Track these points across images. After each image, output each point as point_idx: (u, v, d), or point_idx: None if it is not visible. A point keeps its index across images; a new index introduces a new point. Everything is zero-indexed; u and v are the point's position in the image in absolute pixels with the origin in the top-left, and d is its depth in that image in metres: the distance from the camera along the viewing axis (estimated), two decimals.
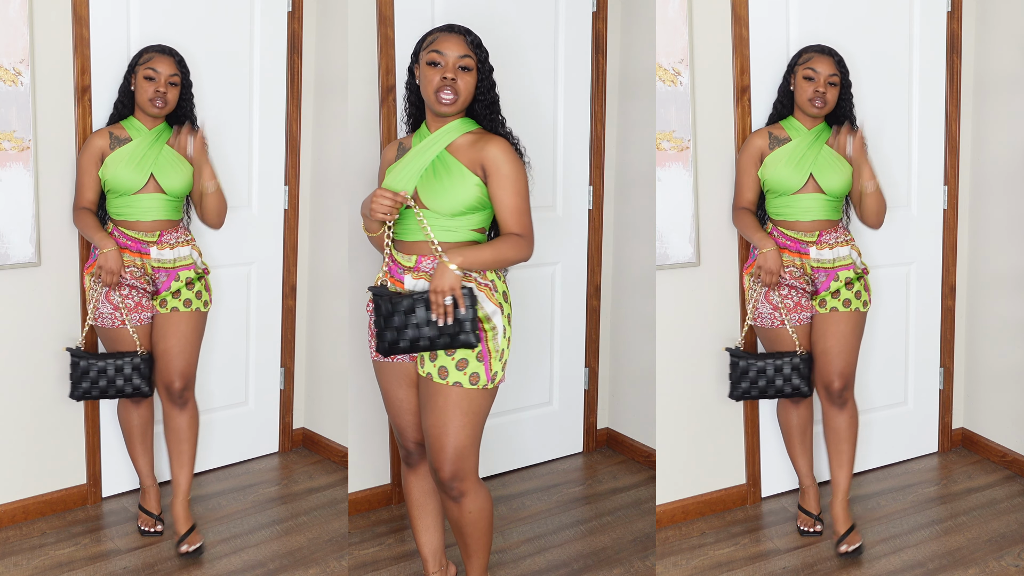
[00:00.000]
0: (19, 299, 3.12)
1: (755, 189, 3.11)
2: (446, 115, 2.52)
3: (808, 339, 3.07)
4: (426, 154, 2.52)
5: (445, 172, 2.49)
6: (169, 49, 3.01)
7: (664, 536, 3.21)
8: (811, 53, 3.02)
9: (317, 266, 3.83)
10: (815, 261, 3.02)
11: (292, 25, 3.68)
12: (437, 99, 2.47)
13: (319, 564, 3.02)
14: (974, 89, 3.68)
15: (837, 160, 3.01)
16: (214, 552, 3.07)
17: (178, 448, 3.07)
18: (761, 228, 3.06)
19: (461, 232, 2.49)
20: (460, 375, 2.45)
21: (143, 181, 2.96)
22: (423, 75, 2.51)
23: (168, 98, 2.97)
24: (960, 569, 2.95)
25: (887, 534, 3.18)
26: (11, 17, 2.99)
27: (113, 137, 3.00)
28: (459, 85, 2.48)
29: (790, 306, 3.03)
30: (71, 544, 3.09)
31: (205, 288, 3.08)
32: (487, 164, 2.47)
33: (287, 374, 3.88)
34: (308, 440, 3.93)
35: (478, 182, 2.47)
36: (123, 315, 2.96)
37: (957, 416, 3.86)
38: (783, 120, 3.10)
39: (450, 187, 2.47)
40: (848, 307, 3.01)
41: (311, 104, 3.77)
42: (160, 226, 3.01)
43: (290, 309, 3.84)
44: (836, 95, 3.01)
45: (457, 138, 2.53)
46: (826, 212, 3.02)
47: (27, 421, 3.19)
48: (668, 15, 3.12)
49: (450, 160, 2.50)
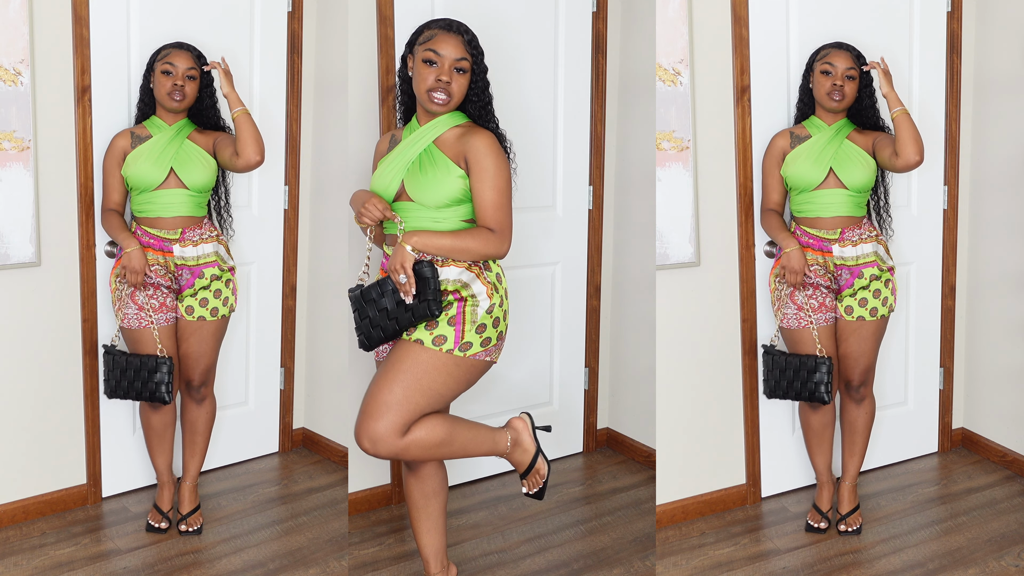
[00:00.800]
0: (19, 299, 3.12)
1: (780, 190, 3.14)
2: (437, 114, 2.54)
3: (832, 341, 3.08)
4: (413, 148, 2.54)
5: (431, 165, 2.51)
6: (187, 45, 3.04)
7: (664, 536, 3.21)
8: (828, 49, 3.05)
9: (317, 266, 3.83)
10: (838, 259, 3.03)
11: (292, 25, 3.68)
12: (429, 98, 2.49)
13: (319, 564, 3.01)
14: (974, 89, 3.68)
15: (859, 155, 3.03)
16: (214, 552, 3.07)
17: (192, 439, 3.19)
18: (786, 228, 3.08)
19: (448, 223, 2.51)
20: (425, 334, 2.45)
21: (163, 176, 2.97)
22: (417, 71, 2.52)
23: (186, 91, 2.99)
24: (960, 569, 2.95)
25: (887, 534, 3.18)
26: (11, 17, 2.99)
27: (135, 136, 3.02)
28: (453, 88, 2.50)
29: (815, 306, 3.03)
30: (71, 544, 3.09)
31: (231, 291, 3.10)
32: (469, 156, 2.48)
33: (287, 374, 3.88)
34: (308, 440, 3.93)
35: (461, 174, 2.49)
36: (149, 315, 2.97)
37: (957, 416, 3.86)
38: (805, 120, 3.13)
39: (434, 180, 2.49)
40: (875, 316, 3.04)
41: (311, 104, 3.77)
42: (182, 223, 3.02)
43: (290, 309, 3.84)
44: (854, 89, 3.03)
45: (445, 131, 2.54)
46: (848, 208, 3.03)
47: (27, 421, 3.19)
48: (668, 15, 3.12)
49: (436, 153, 2.52)
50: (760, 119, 3.24)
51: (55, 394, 3.23)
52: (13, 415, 3.17)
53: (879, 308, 3.05)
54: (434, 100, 2.49)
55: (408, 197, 2.52)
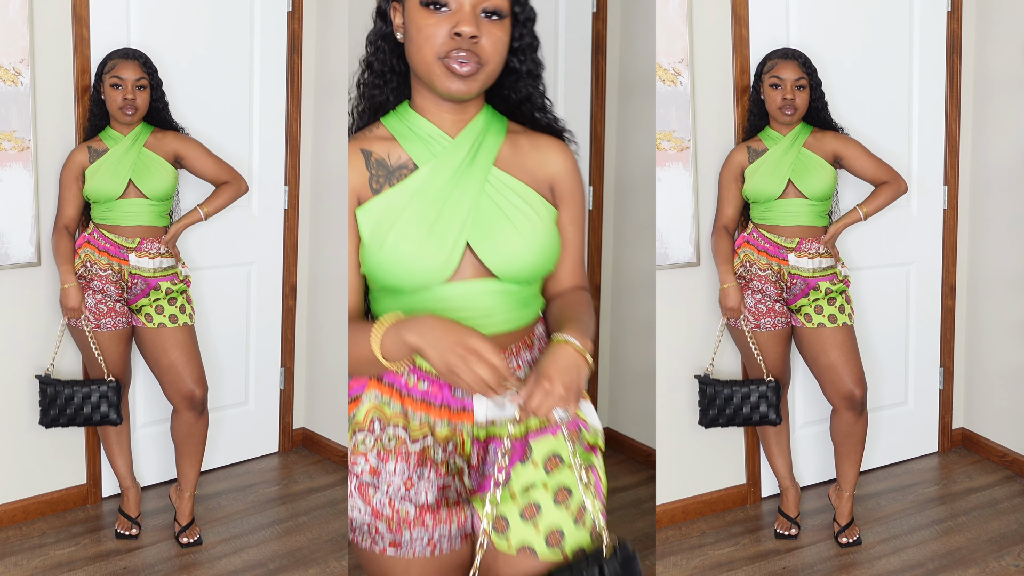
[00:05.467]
0: (19, 299, 3.12)
1: (736, 205, 3.05)
2: (458, 99, 1.58)
3: (782, 347, 3.03)
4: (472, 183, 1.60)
5: (514, 210, 1.62)
6: (133, 52, 2.96)
7: (664, 536, 3.21)
8: (775, 60, 2.96)
9: (317, 266, 3.83)
10: (792, 268, 2.97)
11: (292, 25, 3.68)
12: (448, 69, 1.53)
13: (319, 564, 3.01)
14: (974, 89, 3.68)
15: (818, 163, 2.95)
16: (214, 552, 3.07)
17: (191, 449, 3.09)
18: (730, 259, 3.00)
19: (536, 302, 1.70)
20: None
21: (121, 188, 2.93)
22: (414, 22, 1.56)
23: (137, 104, 2.93)
24: (960, 569, 2.95)
25: (887, 534, 3.18)
26: (11, 17, 2.99)
27: (92, 151, 2.97)
28: (484, 46, 1.54)
29: (762, 311, 2.99)
30: (71, 544, 3.09)
31: (188, 301, 3.06)
32: (559, 183, 1.69)
33: (287, 374, 3.88)
34: (308, 440, 3.93)
35: (552, 212, 1.66)
36: (96, 319, 2.96)
37: (957, 416, 3.86)
38: (760, 132, 3.04)
39: (531, 227, 1.62)
40: (835, 322, 2.97)
41: (311, 104, 3.77)
42: (141, 232, 2.98)
43: (290, 309, 3.84)
44: (806, 98, 2.94)
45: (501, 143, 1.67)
46: (809, 218, 2.97)
47: (27, 421, 3.19)
48: (668, 15, 3.12)
49: (517, 186, 1.63)
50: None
51: None
52: (13, 415, 3.17)
53: (837, 315, 2.97)
54: (456, 70, 1.52)
55: (484, 268, 1.59)
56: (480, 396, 1.53)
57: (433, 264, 1.54)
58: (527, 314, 1.63)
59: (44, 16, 3.06)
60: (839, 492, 3.15)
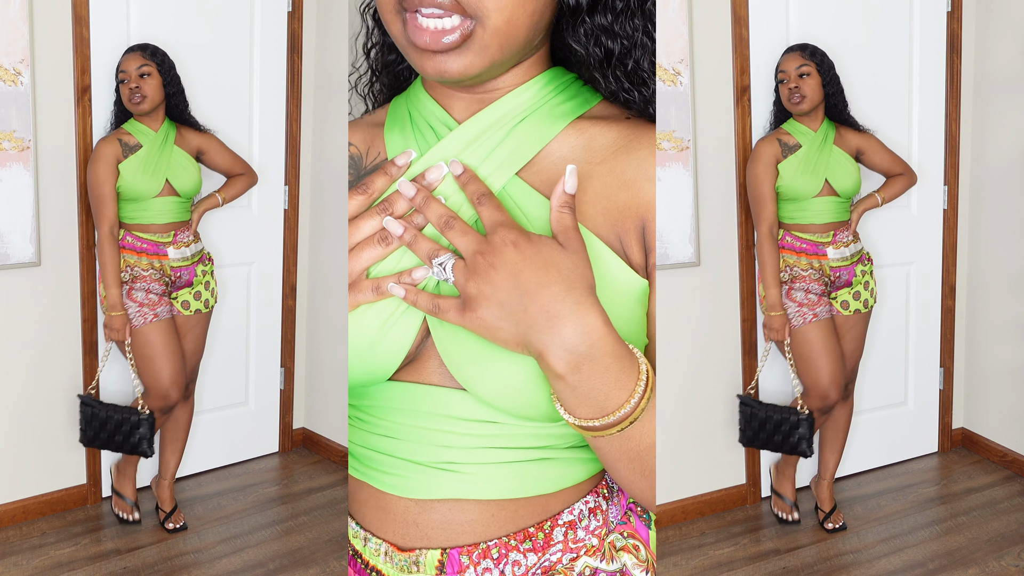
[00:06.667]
0: (19, 299, 3.12)
1: (775, 200, 3.05)
2: (450, 83, 1.03)
3: (834, 337, 3.07)
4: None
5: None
6: (139, 45, 2.99)
7: (664, 536, 3.21)
8: (783, 56, 3.05)
9: (317, 266, 3.83)
10: (834, 261, 3.04)
11: (292, 25, 3.68)
12: (410, 39, 0.99)
13: (319, 564, 3.02)
14: (974, 89, 3.68)
15: (846, 160, 3.04)
16: (214, 552, 3.07)
17: (176, 436, 3.22)
18: (779, 282, 3.00)
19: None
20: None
21: (159, 187, 2.98)
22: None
23: (145, 91, 2.94)
24: (960, 569, 2.95)
25: (887, 534, 3.18)
26: (11, 17, 2.99)
27: (123, 144, 2.97)
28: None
29: (813, 300, 3.03)
30: (71, 544, 3.09)
31: (215, 280, 3.19)
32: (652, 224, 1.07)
33: (287, 374, 3.88)
34: (308, 440, 3.93)
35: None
36: (152, 310, 2.98)
37: (957, 416, 3.86)
38: (785, 124, 3.09)
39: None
40: (867, 308, 3.10)
41: (311, 104, 3.77)
42: (173, 227, 3.04)
43: (290, 309, 3.84)
44: (816, 85, 2.98)
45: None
46: (838, 213, 3.05)
47: (27, 421, 3.19)
48: (668, 15, 3.12)
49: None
50: (760, 119, 3.24)
51: (55, 394, 3.23)
52: (13, 415, 3.17)
53: (869, 299, 3.10)
54: (420, 32, 0.99)
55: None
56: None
57: (377, 370, 1.05)
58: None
59: (44, 16, 3.06)
60: (819, 480, 3.26)
